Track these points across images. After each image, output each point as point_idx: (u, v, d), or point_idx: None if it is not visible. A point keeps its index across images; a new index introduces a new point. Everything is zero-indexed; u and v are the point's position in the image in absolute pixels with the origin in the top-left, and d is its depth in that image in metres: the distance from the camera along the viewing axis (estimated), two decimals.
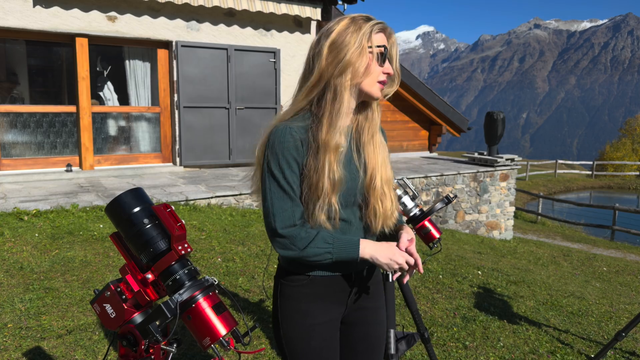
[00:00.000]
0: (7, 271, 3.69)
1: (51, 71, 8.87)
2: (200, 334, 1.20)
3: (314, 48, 1.46)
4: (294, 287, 1.49)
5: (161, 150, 7.95)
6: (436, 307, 3.87)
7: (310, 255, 1.40)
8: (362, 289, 1.59)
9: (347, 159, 1.47)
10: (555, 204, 19.37)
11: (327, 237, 1.41)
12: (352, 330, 1.60)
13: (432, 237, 2.29)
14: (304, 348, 1.48)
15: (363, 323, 1.60)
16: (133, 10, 7.21)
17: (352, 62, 1.40)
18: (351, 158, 1.48)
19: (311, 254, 1.40)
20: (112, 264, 3.97)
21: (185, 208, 5.64)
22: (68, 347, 2.78)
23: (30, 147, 7.04)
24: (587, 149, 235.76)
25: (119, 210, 1.26)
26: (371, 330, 1.62)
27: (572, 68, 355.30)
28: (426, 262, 5.03)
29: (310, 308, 1.49)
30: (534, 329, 3.64)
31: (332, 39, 1.42)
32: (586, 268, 7.16)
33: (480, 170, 8.78)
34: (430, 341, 2.70)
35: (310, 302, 1.49)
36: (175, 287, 1.22)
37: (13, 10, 6.44)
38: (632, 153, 40.74)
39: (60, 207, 5.17)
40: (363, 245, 1.43)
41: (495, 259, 6.28)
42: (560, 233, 13.14)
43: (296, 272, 1.49)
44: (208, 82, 7.83)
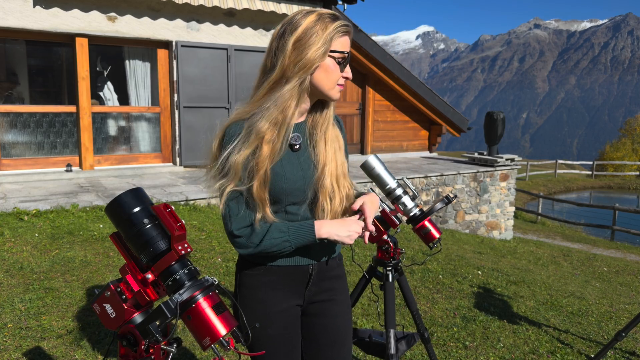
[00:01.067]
0: (7, 271, 3.69)
1: (51, 71, 8.87)
2: (200, 334, 1.20)
3: (277, 40, 1.42)
4: (253, 276, 1.52)
5: (161, 150, 7.95)
6: (436, 307, 3.87)
7: (268, 247, 1.42)
8: (320, 282, 1.60)
9: (299, 155, 1.49)
10: (555, 204, 19.37)
11: (280, 226, 1.43)
12: (312, 322, 1.62)
13: (432, 237, 2.29)
14: (262, 335, 1.51)
15: (323, 315, 1.62)
16: (133, 10, 7.20)
17: (310, 61, 1.39)
18: (303, 154, 1.50)
19: (268, 245, 1.42)
20: (112, 264, 3.97)
21: (185, 208, 5.64)
22: (68, 347, 2.78)
23: (30, 147, 7.04)
24: (587, 149, 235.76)
25: (119, 210, 1.25)
26: (330, 322, 1.62)
27: (572, 68, 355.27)
28: (426, 262, 5.03)
29: (268, 296, 1.52)
30: (534, 329, 3.64)
31: (297, 36, 1.39)
32: (586, 268, 7.16)
33: (480, 170, 8.78)
34: (430, 341, 2.70)
35: (267, 290, 1.51)
36: (175, 287, 1.22)
37: (13, 10, 6.44)
38: (632, 153, 40.74)
39: (60, 207, 5.17)
40: (318, 225, 1.45)
41: (495, 259, 6.28)
42: (560, 233, 13.14)
43: (254, 261, 1.52)
44: (208, 82, 7.83)
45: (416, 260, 5.09)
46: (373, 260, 2.36)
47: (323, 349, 1.63)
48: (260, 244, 1.42)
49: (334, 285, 1.64)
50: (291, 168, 1.47)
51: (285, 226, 1.44)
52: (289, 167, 1.47)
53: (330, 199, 1.50)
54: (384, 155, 10.51)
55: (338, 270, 1.66)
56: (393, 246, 2.27)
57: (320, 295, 1.61)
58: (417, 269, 4.73)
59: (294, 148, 1.49)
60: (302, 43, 1.39)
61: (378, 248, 2.31)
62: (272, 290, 1.52)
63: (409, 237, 6.20)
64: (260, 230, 1.42)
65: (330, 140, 1.52)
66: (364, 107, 10.49)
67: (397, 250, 2.28)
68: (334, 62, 1.43)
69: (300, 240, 1.45)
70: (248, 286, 1.53)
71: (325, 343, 1.63)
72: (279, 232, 1.43)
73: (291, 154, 1.49)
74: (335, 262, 1.64)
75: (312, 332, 1.63)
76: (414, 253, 5.35)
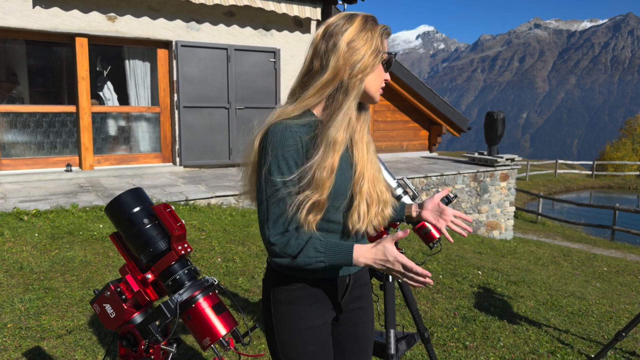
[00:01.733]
0: (7, 271, 3.69)
1: (51, 71, 8.86)
2: (200, 334, 1.20)
3: (325, 42, 1.41)
4: (289, 291, 1.45)
5: (161, 150, 7.95)
6: (436, 307, 3.87)
7: (302, 265, 1.35)
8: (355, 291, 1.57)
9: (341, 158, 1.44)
10: (556, 204, 19.37)
11: (317, 245, 1.35)
12: (341, 330, 1.59)
13: (432, 237, 2.28)
14: (301, 354, 1.44)
15: (353, 323, 1.59)
16: (133, 10, 7.20)
17: (368, 64, 1.39)
18: (344, 157, 1.45)
19: (302, 263, 1.35)
20: (112, 264, 3.97)
21: (185, 208, 5.64)
22: (68, 347, 2.78)
23: (30, 147, 7.04)
24: (587, 149, 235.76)
25: (118, 210, 1.25)
26: (359, 330, 1.60)
27: (572, 68, 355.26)
28: (426, 262, 5.03)
29: (306, 311, 1.45)
30: (534, 329, 3.64)
31: (350, 37, 1.39)
32: (586, 268, 7.16)
33: (481, 170, 8.78)
34: (430, 341, 2.70)
35: (305, 305, 1.45)
36: (175, 287, 1.22)
37: (13, 10, 6.44)
38: (632, 153, 40.73)
39: (60, 207, 5.17)
40: (357, 252, 1.37)
41: (495, 259, 6.28)
42: (560, 233, 13.14)
43: (290, 275, 1.45)
44: (208, 82, 7.82)
45: (416, 260, 5.09)
46: None
47: (348, 357, 1.61)
48: (296, 258, 1.35)
49: (362, 292, 1.61)
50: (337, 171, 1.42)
51: (322, 245, 1.36)
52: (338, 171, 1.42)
53: (367, 204, 1.45)
54: (384, 155, 10.51)
55: (366, 277, 1.64)
56: None
57: (352, 303, 1.58)
58: None
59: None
60: (356, 44, 1.39)
61: None
62: (309, 305, 1.46)
63: (409, 237, 6.20)
64: (296, 244, 1.34)
65: (367, 144, 1.50)
66: None
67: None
68: (381, 64, 1.44)
69: (336, 262, 1.37)
70: (284, 302, 1.45)
71: (352, 351, 1.61)
72: (315, 251, 1.35)
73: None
74: (364, 269, 1.62)
75: (339, 340, 1.60)
76: (414, 253, 5.35)
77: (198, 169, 7.93)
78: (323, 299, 1.48)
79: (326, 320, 1.50)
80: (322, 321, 1.48)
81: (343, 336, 1.59)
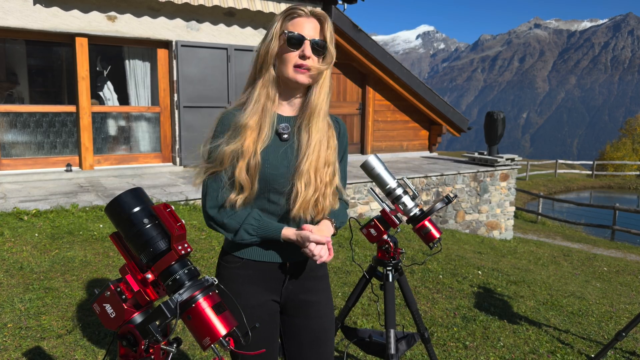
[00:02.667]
0: (7, 271, 3.69)
1: (51, 71, 8.86)
2: (200, 334, 1.20)
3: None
4: (229, 269, 1.58)
5: (161, 150, 7.95)
6: (436, 307, 3.87)
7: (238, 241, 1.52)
8: (300, 281, 1.62)
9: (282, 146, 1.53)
10: (556, 204, 19.36)
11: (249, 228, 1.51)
12: (295, 322, 1.64)
13: (432, 237, 2.29)
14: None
15: (306, 316, 1.64)
16: (133, 10, 7.20)
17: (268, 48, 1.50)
18: (286, 146, 1.54)
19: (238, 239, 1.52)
20: (112, 264, 3.97)
21: (185, 208, 5.64)
22: (68, 347, 2.78)
23: (30, 147, 7.04)
24: (587, 148, 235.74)
25: (118, 210, 1.25)
26: (314, 324, 1.64)
27: (572, 68, 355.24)
28: (426, 261, 5.03)
29: (243, 290, 1.55)
30: (534, 328, 3.64)
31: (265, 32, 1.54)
32: (586, 268, 7.16)
33: (481, 170, 8.78)
34: (431, 341, 2.70)
35: (243, 284, 1.56)
36: (175, 287, 1.22)
37: (13, 10, 6.44)
38: (633, 153, 40.72)
39: (60, 207, 5.17)
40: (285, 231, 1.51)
41: (495, 258, 6.28)
42: (560, 233, 13.14)
43: (232, 254, 1.58)
44: (208, 82, 7.83)
45: (416, 260, 5.09)
46: (373, 260, 2.36)
47: (305, 349, 1.65)
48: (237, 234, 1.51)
49: (316, 285, 1.66)
50: (276, 155, 1.52)
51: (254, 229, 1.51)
52: (273, 155, 1.52)
53: (305, 185, 1.51)
54: (384, 155, 10.51)
55: (320, 270, 1.68)
56: (393, 246, 2.27)
57: (302, 295, 1.63)
58: (417, 268, 4.73)
59: (282, 137, 1.54)
60: (266, 36, 1.52)
61: (378, 248, 2.31)
62: (247, 285, 1.56)
63: (409, 237, 6.20)
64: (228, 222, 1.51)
65: (316, 134, 1.54)
66: (364, 107, 10.49)
67: (397, 250, 2.28)
68: (285, 44, 1.48)
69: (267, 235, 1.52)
70: (225, 278, 1.58)
71: (308, 343, 1.65)
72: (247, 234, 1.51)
73: (279, 142, 1.54)
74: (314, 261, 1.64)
75: (295, 332, 1.65)
76: (414, 253, 5.35)
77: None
78: (262, 281, 1.57)
79: (265, 301, 1.57)
80: (259, 301, 1.56)
81: (297, 328, 1.65)
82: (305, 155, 1.52)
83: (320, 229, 1.55)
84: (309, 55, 1.48)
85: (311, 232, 1.48)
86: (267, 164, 1.50)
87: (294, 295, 1.63)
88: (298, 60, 1.48)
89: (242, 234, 1.51)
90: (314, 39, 1.48)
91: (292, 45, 1.47)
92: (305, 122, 1.54)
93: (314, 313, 1.64)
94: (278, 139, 1.54)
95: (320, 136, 1.54)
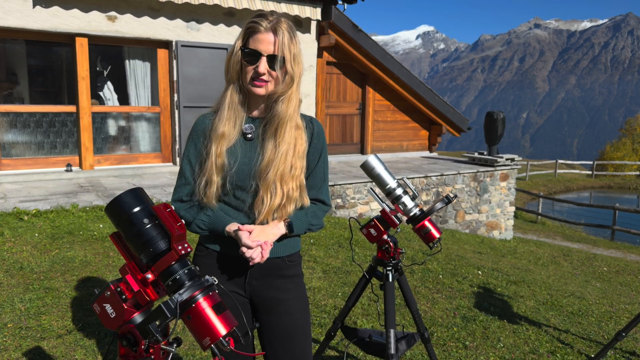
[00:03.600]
0: (7, 271, 3.69)
1: (51, 71, 8.86)
2: (200, 334, 1.20)
3: None
4: (199, 257, 1.70)
5: (161, 150, 7.95)
6: (436, 307, 3.87)
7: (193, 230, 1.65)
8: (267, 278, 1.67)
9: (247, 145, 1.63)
10: (556, 204, 19.36)
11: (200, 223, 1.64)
12: (265, 319, 1.69)
13: (432, 237, 2.29)
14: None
15: (274, 314, 1.68)
16: (133, 10, 7.20)
17: (230, 63, 1.60)
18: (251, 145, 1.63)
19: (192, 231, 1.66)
20: (112, 263, 3.97)
21: None
22: (68, 347, 2.78)
23: (30, 147, 7.04)
24: (587, 148, 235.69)
25: (118, 210, 1.25)
26: (284, 321, 1.68)
27: (572, 68, 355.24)
28: (426, 261, 5.03)
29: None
30: (534, 328, 3.64)
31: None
32: (586, 268, 7.16)
33: (481, 170, 8.78)
34: (430, 341, 2.70)
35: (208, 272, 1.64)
36: (175, 287, 1.22)
37: (13, 10, 6.44)
38: (632, 153, 40.71)
39: (60, 207, 5.17)
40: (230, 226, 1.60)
41: (495, 258, 6.28)
42: (560, 233, 13.14)
43: (202, 244, 1.70)
44: (208, 81, 7.82)
45: (416, 260, 5.09)
46: (373, 260, 2.36)
47: (277, 346, 1.69)
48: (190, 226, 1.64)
49: (285, 284, 1.69)
50: (239, 153, 1.62)
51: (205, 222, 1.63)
52: (238, 151, 1.62)
53: (270, 194, 1.59)
54: (384, 155, 10.51)
55: (291, 270, 1.72)
56: (393, 246, 2.27)
57: (269, 292, 1.67)
58: (417, 268, 4.73)
59: (247, 137, 1.64)
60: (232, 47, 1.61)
61: (378, 248, 2.31)
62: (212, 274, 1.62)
63: (409, 237, 6.20)
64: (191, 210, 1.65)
65: (282, 141, 1.60)
66: (364, 107, 10.49)
67: (397, 250, 2.28)
68: (244, 60, 1.56)
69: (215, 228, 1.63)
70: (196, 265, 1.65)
71: (280, 340, 1.69)
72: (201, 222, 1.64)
73: (244, 142, 1.64)
74: (285, 262, 1.69)
75: (267, 329, 1.70)
76: (414, 253, 5.35)
77: None
78: (224, 272, 1.66)
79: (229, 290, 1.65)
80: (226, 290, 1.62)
81: (269, 325, 1.69)
82: (270, 163, 1.59)
83: (264, 230, 1.60)
84: (263, 71, 1.55)
85: (248, 233, 1.56)
86: (231, 163, 1.60)
87: (261, 292, 1.67)
88: (254, 73, 1.56)
89: (193, 227, 1.65)
90: (270, 55, 1.54)
91: (248, 61, 1.56)
92: (272, 131, 1.61)
93: (284, 310, 1.68)
94: (242, 139, 1.64)
95: (287, 147, 1.60)
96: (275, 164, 1.58)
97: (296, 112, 1.63)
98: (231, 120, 1.61)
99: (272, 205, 1.60)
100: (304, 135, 1.65)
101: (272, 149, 1.59)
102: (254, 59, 1.54)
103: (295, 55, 1.57)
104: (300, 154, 1.63)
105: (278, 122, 1.60)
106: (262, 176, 1.59)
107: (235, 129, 1.62)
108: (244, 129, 1.63)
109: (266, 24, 1.53)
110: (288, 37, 1.55)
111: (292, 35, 1.57)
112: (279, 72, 1.56)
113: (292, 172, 1.61)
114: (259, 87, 1.57)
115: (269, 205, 1.59)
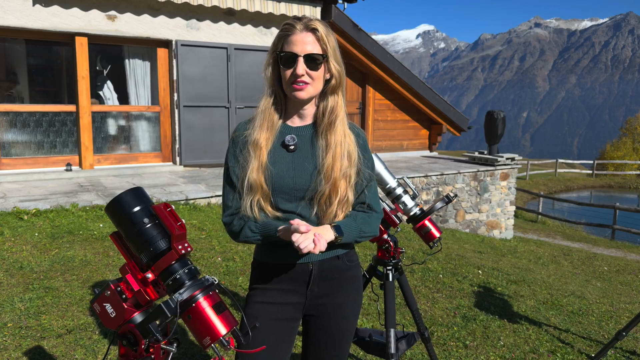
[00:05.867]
0: (7, 271, 3.69)
1: (51, 70, 8.86)
2: (200, 334, 1.20)
3: None
4: (253, 271, 1.65)
5: (161, 150, 7.95)
6: (436, 306, 3.86)
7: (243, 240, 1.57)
8: (326, 282, 1.60)
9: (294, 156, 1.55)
10: (556, 203, 19.36)
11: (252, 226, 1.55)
12: (313, 321, 1.64)
13: (432, 237, 2.29)
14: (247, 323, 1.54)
15: (325, 316, 1.63)
16: (133, 9, 7.20)
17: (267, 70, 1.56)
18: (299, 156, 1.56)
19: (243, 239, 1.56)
20: (112, 263, 3.97)
21: (185, 207, 5.64)
22: (68, 347, 2.78)
23: (30, 147, 7.04)
24: (587, 148, 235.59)
25: (119, 209, 1.25)
26: (333, 325, 1.63)
27: (572, 67, 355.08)
28: (426, 261, 5.03)
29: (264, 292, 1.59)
30: (534, 328, 3.64)
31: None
32: (587, 267, 7.16)
33: (481, 170, 8.78)
34: (431, 340, 2.70)
35: (262, 284, 1.60)
36: (175, 286, 1.22)
37: (13, 9, 6.43)
38: (633, 152, 40.69)
39: (60, 207, 5.17)
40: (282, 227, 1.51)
41: (495, 258, 6.27)
42: (560, 232, 13.14)
43: (257, 259, 1.64)
44: (208, 81, 7.82)
45: (416, 259, 5.09)
46: (373, 259, 2.36)
47: (322, 349, 1.64)
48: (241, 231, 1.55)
49: (347, 288, 1.64)
50: (281, 166, 1.54)
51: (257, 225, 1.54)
52: (279, 165, 1.54)
53: (325, 205, 1.53)
54: (384, 154, 10.51)
55: (352, 271, 1.65)
56: (393, 245, 2.27)
57: (332, 297, 1.61)
58: (418, 268, 4.73)
59: (289, 149, 1.56)
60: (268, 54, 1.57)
61: (378, 247, 2.31)
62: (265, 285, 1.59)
63: (409, 237, 6.20)
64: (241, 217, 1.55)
65: (333, 147, 1.53)
66: (364, 106, 10.49)
67: (397, 249, 2.28)
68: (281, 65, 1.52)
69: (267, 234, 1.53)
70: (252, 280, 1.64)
71: (325, 343, 1.64)
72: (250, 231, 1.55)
73: (285, 153, 1.56)
74: (344, 262, 1.63)
75: (313, 331, 1.64)
76: (414, 252, 5.35)
77: (198, 169, 7.93)
78: (283, 283, 1.58)
79: (285, 302, 1.58)
80: (278, 301, 1.57)
81: (315, 327, 1.64)
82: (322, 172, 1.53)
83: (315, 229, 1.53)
84: (301, 72, 1.49)
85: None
86: (273, 174, 1.53)
87: (320, 299, 1.61)
88: (292, 78, 1.51)
89: (245, 231, 1.54)
90: (307, 54, 1.48)
91: (285, 65, 1.50)
92: (322, 134, 1.56)
93: (340, 314, 1.63)
94: (285, 150, 1.56)
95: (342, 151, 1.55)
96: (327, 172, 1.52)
97: (345, 114, 1.58)
98: (272, 130, 1.55)
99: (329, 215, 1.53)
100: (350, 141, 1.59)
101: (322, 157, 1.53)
102: (291, 61, 1.49)
103: (335, 50, 1.52)
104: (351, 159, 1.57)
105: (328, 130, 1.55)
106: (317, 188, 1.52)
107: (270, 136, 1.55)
108: (285, 140, 1.56)
109: (299, 25, 1.49)
110: (324, 32, 1.50)
111: (328, 32, 1.52)
112: (318, 71, 1.50)
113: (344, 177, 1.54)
114: (300, 90, 1.50)
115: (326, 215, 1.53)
